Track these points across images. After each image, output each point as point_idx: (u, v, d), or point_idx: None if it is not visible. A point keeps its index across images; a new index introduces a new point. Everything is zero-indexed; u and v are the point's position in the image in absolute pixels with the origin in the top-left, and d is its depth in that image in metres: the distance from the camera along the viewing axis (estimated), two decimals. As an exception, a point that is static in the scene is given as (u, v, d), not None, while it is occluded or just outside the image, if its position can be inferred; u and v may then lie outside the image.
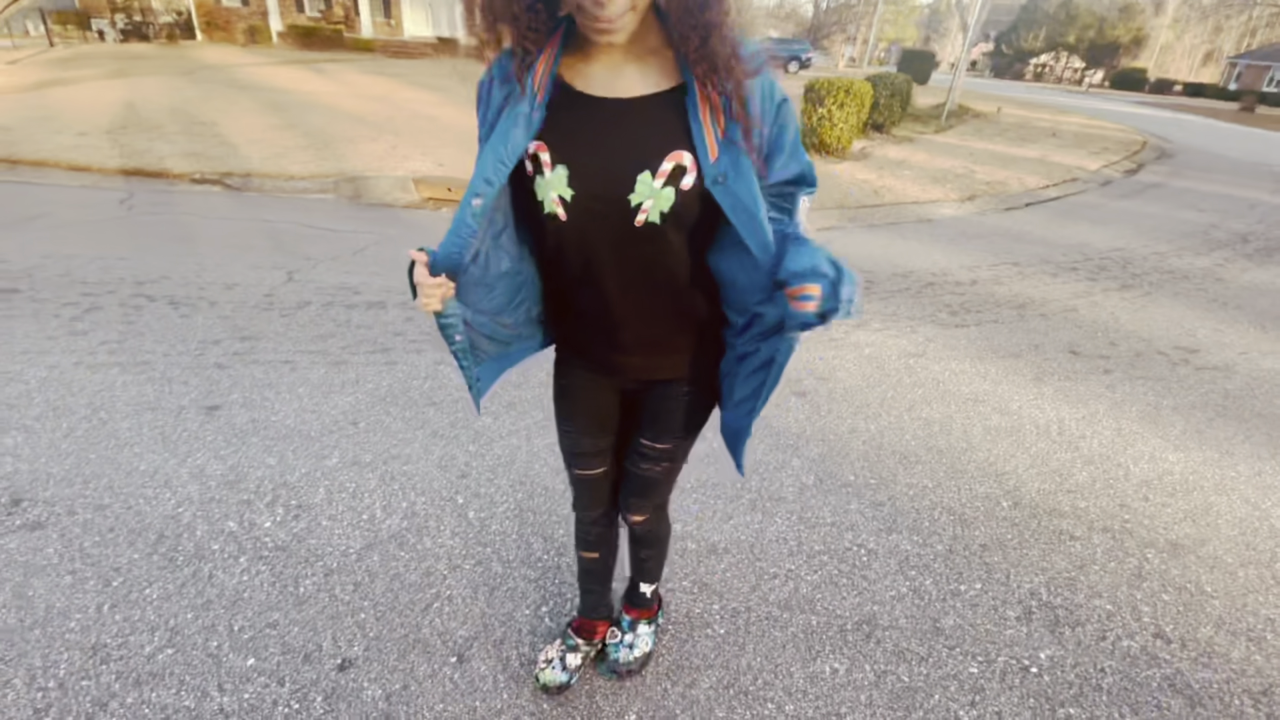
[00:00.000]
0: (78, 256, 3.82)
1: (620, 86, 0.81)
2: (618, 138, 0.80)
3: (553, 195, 0.83)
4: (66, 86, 10.59)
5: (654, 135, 0.80)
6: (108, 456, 2.10)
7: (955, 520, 2.04)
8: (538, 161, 0.83)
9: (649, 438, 1.14)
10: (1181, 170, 9.61)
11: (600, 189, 0.82)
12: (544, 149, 0.82)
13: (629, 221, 0.83)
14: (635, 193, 0.80)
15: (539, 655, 1.49)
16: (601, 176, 0.81)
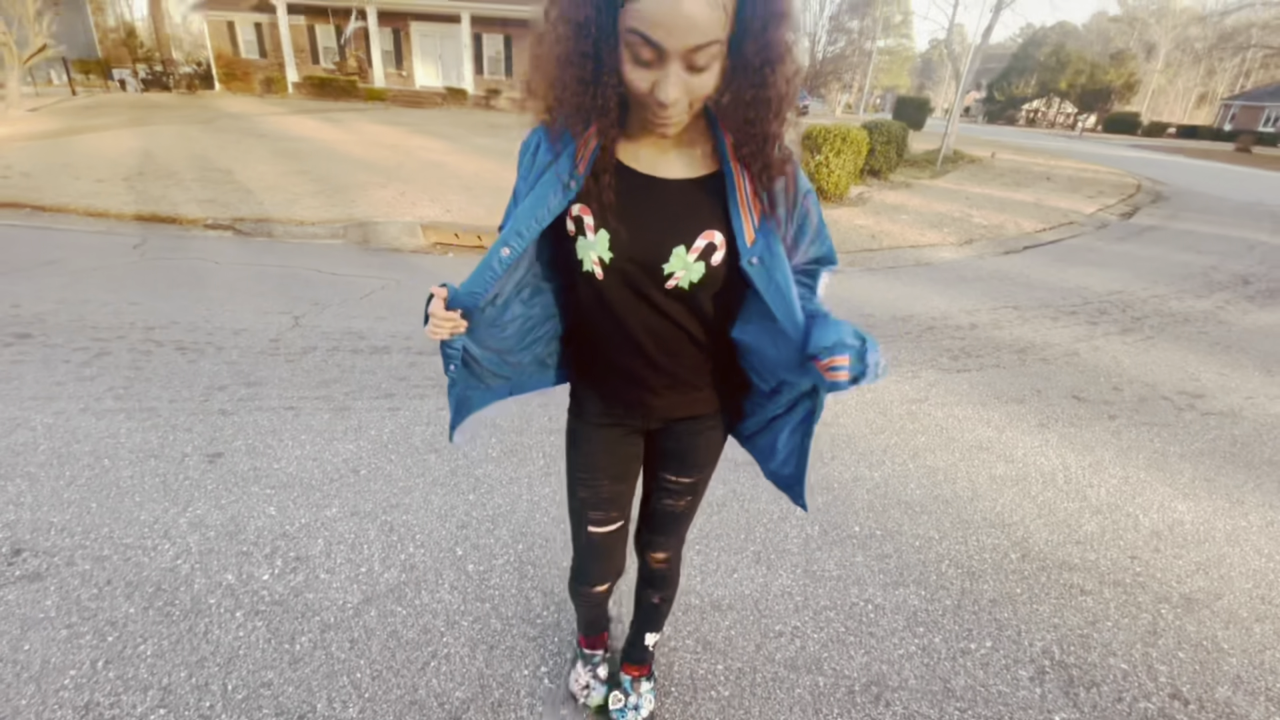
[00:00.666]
0: (90, 301, 3.88)
1: (664, 168, 0.89)
2: (659, 214, 0.89)
3: (593, 256, 0.91)
4: (87, 134, 10.96)
5: (692, 215, 0.89)
6: (109, 506, 2.10)
7: (963, 573, 2.00)
8: (581, 224, 0.90)
9: (674, 473, 1.18)
10: (1178, 212, 9.74)
11: (638, 256, 0.90)
12: (587, 213, 0.90)
13: (660, 285, 0.92)
14: (669, 263, 0.90)
15: (571, 681, 1.54)
16: (640, 246, 0.89)
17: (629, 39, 0.73)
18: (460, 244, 6.00)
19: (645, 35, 0.71)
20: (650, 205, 0.89)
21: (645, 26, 0.70)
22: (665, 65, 0.73)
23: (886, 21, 51.35)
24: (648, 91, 0.76)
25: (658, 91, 0.75)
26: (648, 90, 0.76)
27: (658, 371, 1.03)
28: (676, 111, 0.78)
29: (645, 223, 0.89)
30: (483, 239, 5.99)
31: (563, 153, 0.89)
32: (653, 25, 0.70)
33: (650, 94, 0.76)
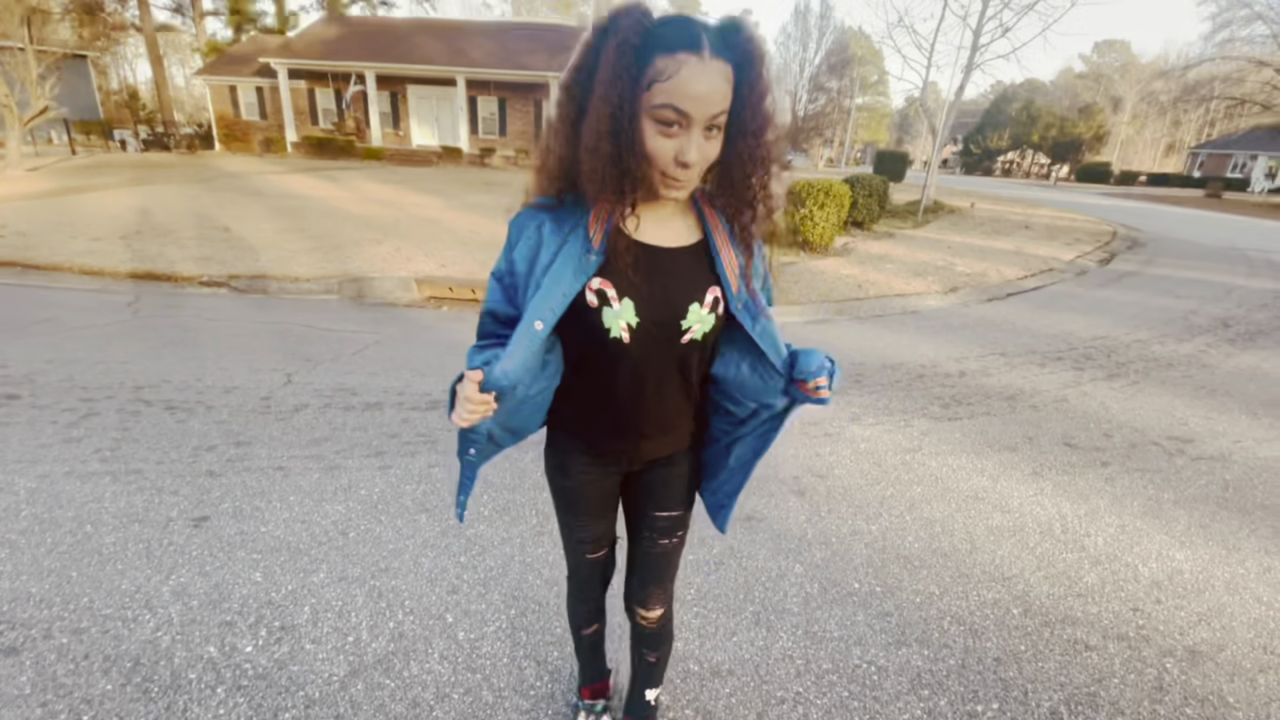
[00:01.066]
0: (80, 361, 3.87)
1: (666, 237, 1.01)
2: (674, 278, 1.00)
3: (621, 323, 0.99)
4: (85, 193, 11.14)
5: (697, 276, 1.02)
6: (90, 574, 2.04)
7: (966, 631, 1.96)
8: (604, 295, 0.98)
9: (661, 508, 1.24)
10: (1155, 258, 10.03)
11: (661, 318, 1.00)
12: (608, 285, 0.98)
13: (678, 340, 1.03)
14: (687, 319, 1.01)
15: None
16: (663, 308, 1.00)
17: (659, 113, 0.85)
18: (454, 297, 6.06)
19: (676, 106, 0.84)
20: (664, 271, 1.00)
21: (676, 99, 0.83)
22: (689, 131, 0.86)
23: (864, 81, 53.86)
24: (671, 158, 0.87)
25: (683, 155, 0.87)
26: (671, 156, 0.87)
27: (649, 418, 1.11)
28: (694, 174, 0.90)
29: (664, 287, 1.00)
30: (476, 292, 6.06)
31: (572, 232, 0.97)
32: (682, 98, 0.83)
33: (674, 159, 0.87)
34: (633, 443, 1.14)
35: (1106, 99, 57.31)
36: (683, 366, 1.08)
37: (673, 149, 0.87)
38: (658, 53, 0.83)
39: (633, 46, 0.83)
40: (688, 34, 0.83)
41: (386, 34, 24.69)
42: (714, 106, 0.85)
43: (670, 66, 0.82)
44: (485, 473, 2.76)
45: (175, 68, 48.10)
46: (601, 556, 1.34)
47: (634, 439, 1.14)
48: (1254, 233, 15.02)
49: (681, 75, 0.82)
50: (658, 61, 0.83)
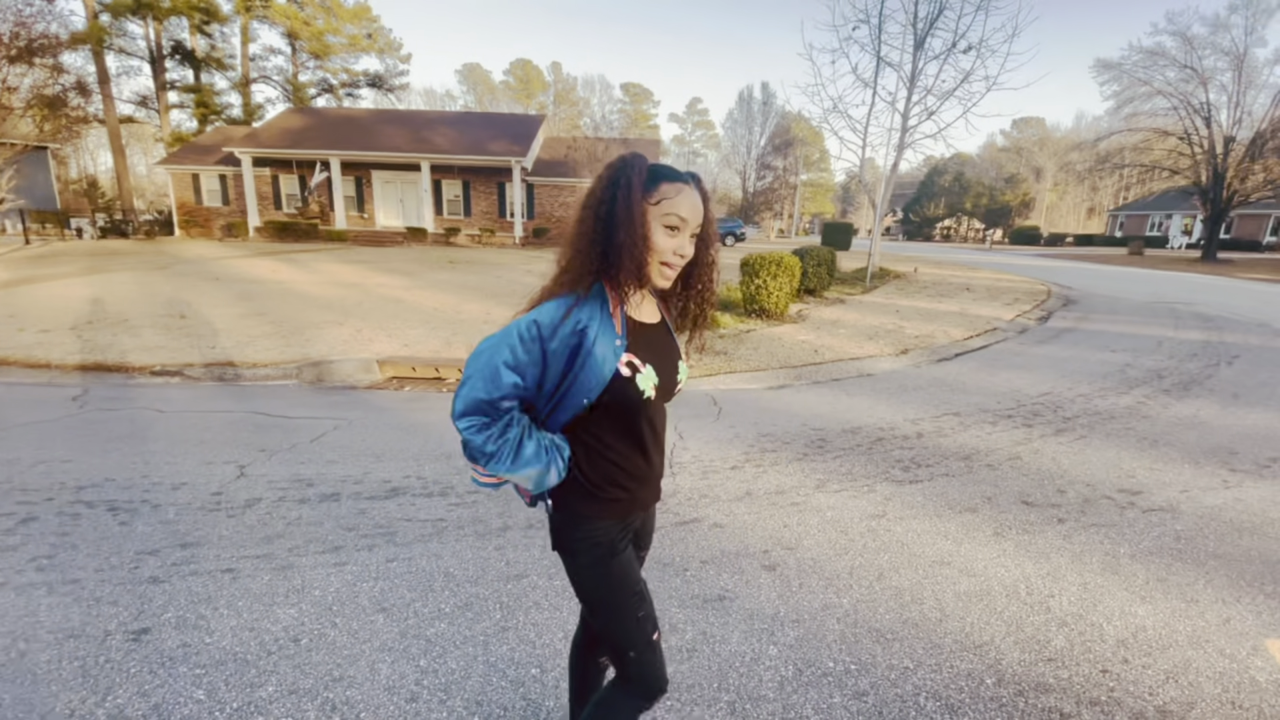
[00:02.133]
0: (19, 461, 3.68)
1: (650, 316, 1.35)
2: (665, 345, 1.35)
3: (650, 385, 1.26)
4: (37, 284, 10.86)
5: (674, 341, 1.39)
6: (22, 697, 1.87)
7: (942, 707, 1.94)
8: (633, 366, 1.24)
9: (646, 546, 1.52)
10: (1088, 314, 10.66)
11: (669, 376, 1.32)
12: (634, 358, 1.25)
13: (674, 389, 1.35)
14: (680, 373, 1.37)
15: None
16: (669, 368, 1.33)
17: (667, 219, 1.20)
18: (417, 377, 6.01)
19: (680, 215, 1.21)
20: (660, 342, 1.34)
21: (680, 210, 1.20)
22: (683, 234, 1.23)
23: (806, 159, 57.54)
24: (672, 250, 1.22)
25: (681, 249, 1.23)
26: (672, 250, 1.22)
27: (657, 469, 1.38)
28: (682, 264, 1.25)
29: (666, 353, 1.33)
30: (439, 371, 6.03)
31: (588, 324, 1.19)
32: (684, 209, 1.21)
33: (673, 251, 1.22)
34: (655, 491, 1.40)
35: (1029, 169, 62.30)
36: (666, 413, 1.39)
37: (674, 245, 1.22)
38: (663, 180, 1.21)
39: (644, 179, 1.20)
40: (679, 174, 1.23)
41: (351, 124, 25.50)
42: (698, 218, 1.24)
43: (674, 190, 1.20)
44: (446, 565, 2.68)
45: (137, 156, 48.35)
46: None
47: (656, 487, 1.40)
48: (1176, 285, 16.17)
49: (682, 196, 1.21)
50: (663, 186, 1.20)
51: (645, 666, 1.30)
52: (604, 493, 1.29)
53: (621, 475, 1.30)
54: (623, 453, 1.30)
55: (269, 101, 37.10)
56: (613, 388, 1.20)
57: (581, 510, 1.29)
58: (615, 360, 1.20)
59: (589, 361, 1.19)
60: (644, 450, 1.32)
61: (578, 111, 61.68)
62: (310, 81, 37.62)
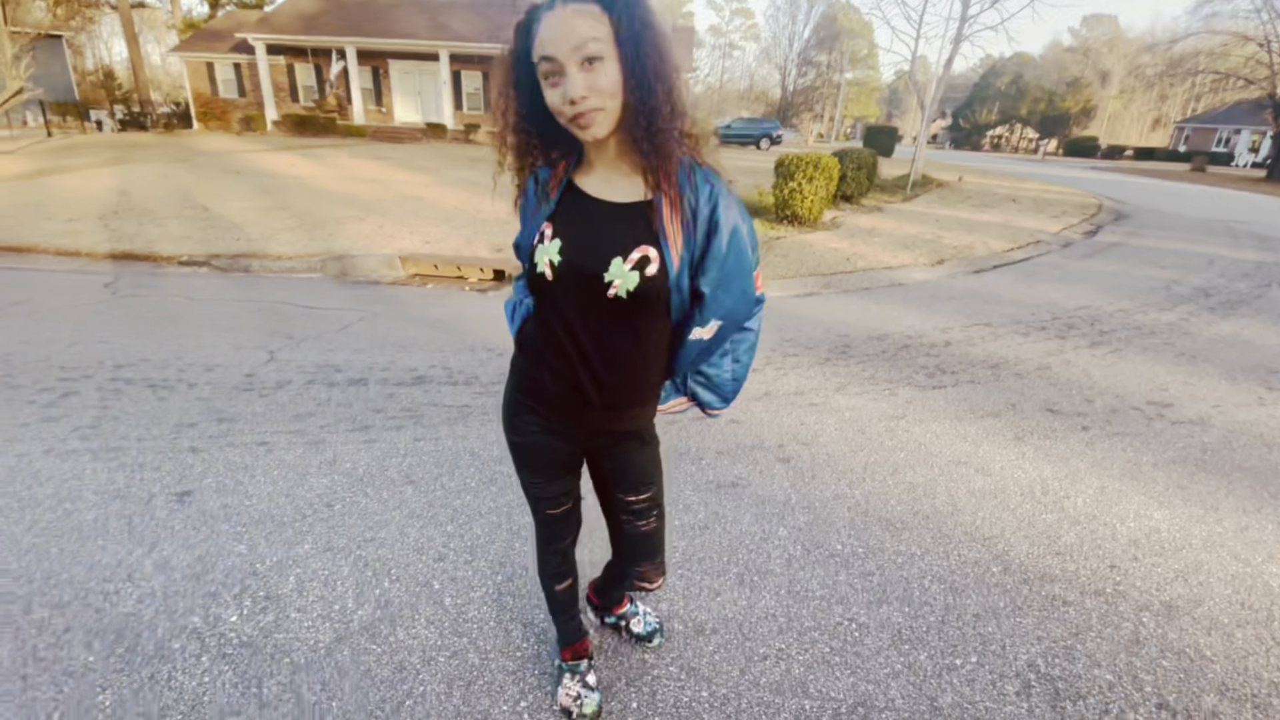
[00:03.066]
0: (57, 341, 3.80)
1: (610, 193, 1.06)
2: (603, 228, 1.04)
3: (545, 259, 1.06)
4: (61, 174, 10.87)
5: (629, 231, 1.03)
6: (70, 550, 2.02)
7: (946, 589, 1.99)
8: (543, 235, 1.07)
9: (627, 492, 1.30)
10: (1139, 230, 10.08)
11: (581, 261, 1.04)
12: (549, 226, 1.07)
13: (602, 293, 1.03)
14: (609, 271, 1.02)
15: (561, 696, 1.54)
16: (585, 252, 1.04)
17: (540, 68, 0.94)
18: (439, 274, 6.00)
19: (544, 55, 0.92)
20: (596, 220, 1.05)
21: (541, 49, 0.93)
22: (565, 73, 0.92)
23: (853, 55, 53.21)
24: (561, 103, 0.94)
25: (568, 92, 0.92)
26: (561, 102, 0.94)
27: (599, 386, 1.13)
28: (588, 108, 0.93)
29: (590, 234, 1.05)
30: (461, 269, 6.00)
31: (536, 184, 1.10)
32: (543, 45, 0.92)
33: (563, 102, 0.93)
34: (577, 411, 1.17)
35: (1094, 73, 57.07)
36: (619, 328, 1.08)
37: (559, 95, 0.93)
38: (531, 26, 0.94)
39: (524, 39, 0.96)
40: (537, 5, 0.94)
41: (367, 8, 24.05)
42: (573, 40, 0.90)
43: (535, 29, 0.94)
44: (471, 446, 2.76)
45: (151, 45, 46.69)
46: (561, 513, 1.35)
47: (578, 407, 1.16)
48: (1238, 205, 15.12)
49: (541, 30, 0.92)
50: (533, 31, 0.94)
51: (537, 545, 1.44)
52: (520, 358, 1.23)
53: (525, 373, 1.20)
54: (531, 343, 1.18)
55: (280, -17, 34.93)
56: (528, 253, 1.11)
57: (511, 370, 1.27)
58: (535, 224, 1.09)
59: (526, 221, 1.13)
60: (550, 343, 1.13)
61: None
62: (321, -39, 35.24)
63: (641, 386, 1.18)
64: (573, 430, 1.22)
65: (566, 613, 1.53)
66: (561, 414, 1.19)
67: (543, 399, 1.19)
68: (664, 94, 0.95)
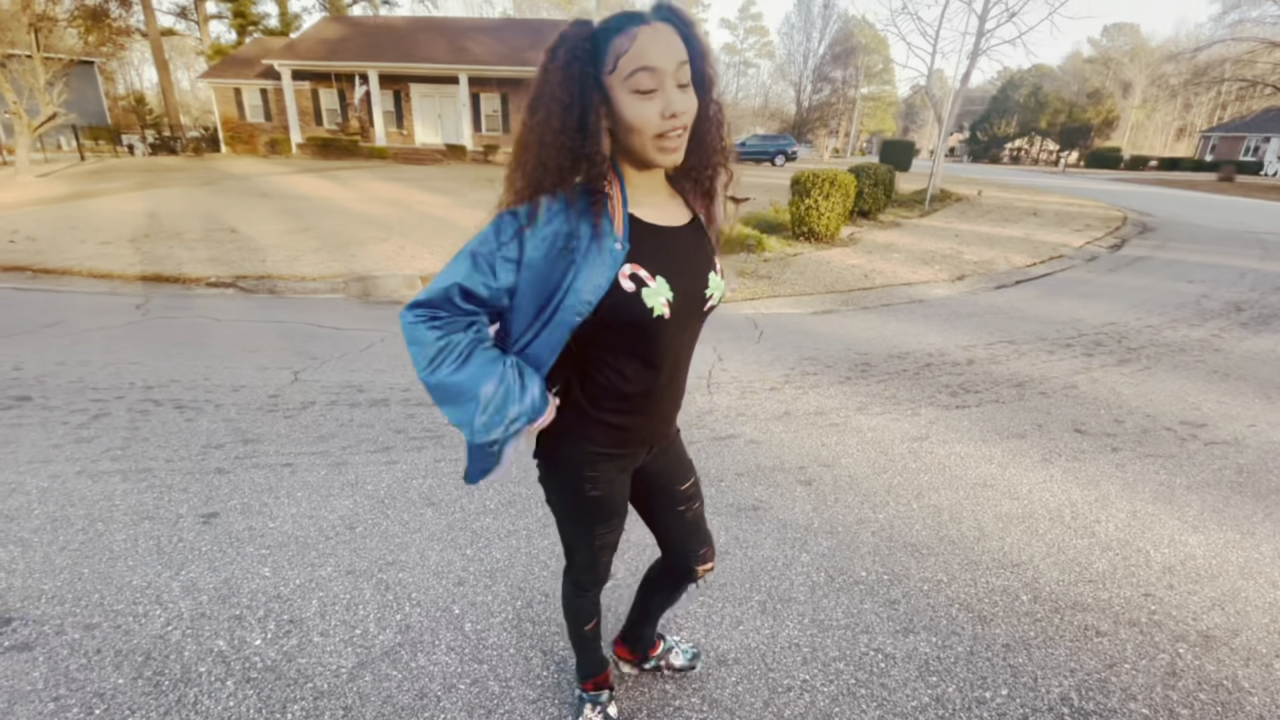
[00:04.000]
0: (91, 362, 3.91)
1: (670, 218, 1.09)
2: (692, 252, 1.10)
3: (661, 300, 1.03)
4: (94, 198, 11.23)
5: (705, 246, 1.13)
6: (101, 571, 2.06)
7: (974, 618, 1.95)
8: (638, 278, 1.02)
9: (681, 481, 1.34)
10: (1166, 243, 9.90)
11: (691, 288, 1.08)
12: (639, 269, 1.02)
13: (702, 308, 1.12)
14: (709, 286, 1.11)
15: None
16: (690, 279, 1.08)
17: (633, 80, 0.91)
18: (459, 294, 6.07)
19: (645, 66, 0.91)
20: (683, 247, 1.09)
21: (643, 60, 0.90)
22: (664, 86, 0.92)
23: (868, 70, 53.33)
24: (658, 115, 0.93)
25: (668, 107, 0.93)
26: (657, 114, 0.93)
27: (675, 403, 1.21)
28: (681, 126, 0.95)
29: (687, 262, 1.08)
30: (481, 289, 6.06)
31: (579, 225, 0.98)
32: (648, 56, 0.90)
33: (661, 115, 0.93)
34: (664, 425, 1.21)
35: (1116, 83, 56.50)
36: (696, 334, 1.17)
37: (657, 108, 0.93)
38: (612, 38, 0.91)
39: (585, 49, 0.92)
40: (631, 16, 0.92)
41: (388, 33, 24.72)
42: (678, 56, 0.92)
43: (627, 41, 0.90)
44: (491, 466, 2.77)
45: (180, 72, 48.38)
46: (612, 555, 1.37)
47: (666, 421, 1.21)
48: (1268, 215, 14.78)
49: (640, 41, 0.90)
50: (615, 43, 0.91)
51: (577, 592, 1.41)
52: (597, 412, 1.12)
53: (619, 400, 1.12)
54: (625, 375, 1.10)
55: (305, 10, 36.05)
56: (611, 304, 0.99)
57: (573, 426, 1.14)
58: (613, 269, 0.98)
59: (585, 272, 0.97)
60: (657, 383, 1.12)
61: (621, 19, 58.11)
62: (345, -12, 36.36)
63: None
64: (641, 455, 1.24)
65: (591, 647, 1.52)
66: (643, 446, 1.21)
67: (625, 441, 1.16)
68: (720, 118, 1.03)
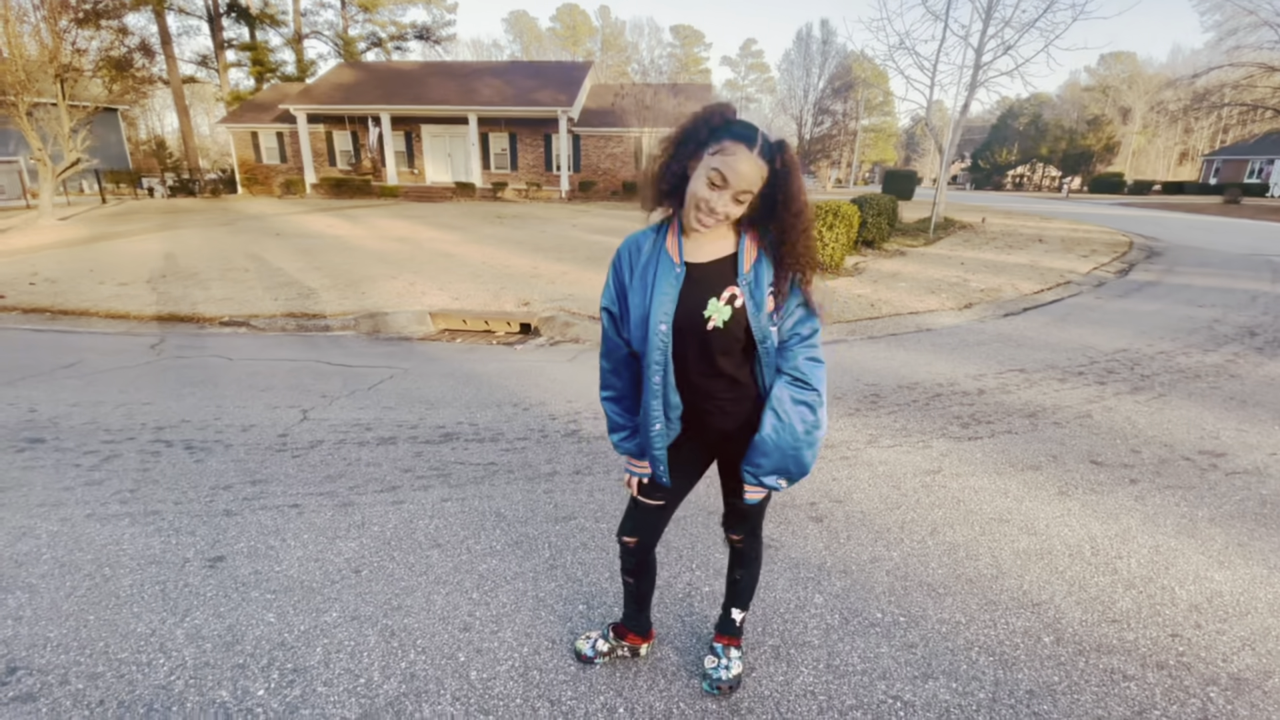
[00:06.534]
0: (104, 403, 3.95)
1: (700, 255, 1.40)
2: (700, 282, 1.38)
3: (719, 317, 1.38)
4: (114, 240, 11.52)
5: (719, 280, 1.38)
6: (106, 618, 2.05)
7: (996, 662, 1.89)
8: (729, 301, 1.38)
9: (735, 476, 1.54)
10: (1174, 267, 9.86)
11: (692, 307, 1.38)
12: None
13: (704, 326, 1.38)
14: (707, 309, 1.37)
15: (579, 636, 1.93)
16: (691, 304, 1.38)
17: (711, 174, 1.27)
18: (467, 329, 6.13)
19: (721, 172, 1.26)
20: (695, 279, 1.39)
21: (723, 169, 1.26)
22: (724, 192, 1.28)
23: (868, 102, 54.27)
24: (705, 200, 1.29)
25: (713, 203, 1.29)
26: (705, 199, 1.29)
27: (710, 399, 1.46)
28: (715, 220, 1.31)
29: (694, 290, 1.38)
30: (489, 323, 6.12)
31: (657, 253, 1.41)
32: (727, 170, 1.26)
33: (707, 201, 1.29)
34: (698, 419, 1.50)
35: (1115, 110, 57.10)
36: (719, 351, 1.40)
37: (708, 196, 1.29)
38: (726, 137, 1.26)
39: (712, 127, 1.29)
40: (748, 134, 1.26)
41: (400, 77, 25.52)
42: (744, 184, 1.27)
43: (730, 148, 1.25)
44: (498, 506, 2.75)
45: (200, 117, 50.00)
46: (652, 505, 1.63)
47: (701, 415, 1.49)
48: (1276, 237, 14.73)
49: (733, 157, 1.25)
50: (725, 142, 1.26)
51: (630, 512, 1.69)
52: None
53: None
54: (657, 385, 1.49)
55: (320, 58, 37.38)
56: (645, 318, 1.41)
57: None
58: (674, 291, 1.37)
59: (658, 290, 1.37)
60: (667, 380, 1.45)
61: (625, 58, 59.89)
62: (360, 35, 37.68)
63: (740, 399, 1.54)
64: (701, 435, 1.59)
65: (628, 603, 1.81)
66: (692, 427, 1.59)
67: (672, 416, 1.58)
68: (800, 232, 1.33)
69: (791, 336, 1.41)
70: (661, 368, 1.40)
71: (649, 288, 1.39)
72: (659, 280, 1.37)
